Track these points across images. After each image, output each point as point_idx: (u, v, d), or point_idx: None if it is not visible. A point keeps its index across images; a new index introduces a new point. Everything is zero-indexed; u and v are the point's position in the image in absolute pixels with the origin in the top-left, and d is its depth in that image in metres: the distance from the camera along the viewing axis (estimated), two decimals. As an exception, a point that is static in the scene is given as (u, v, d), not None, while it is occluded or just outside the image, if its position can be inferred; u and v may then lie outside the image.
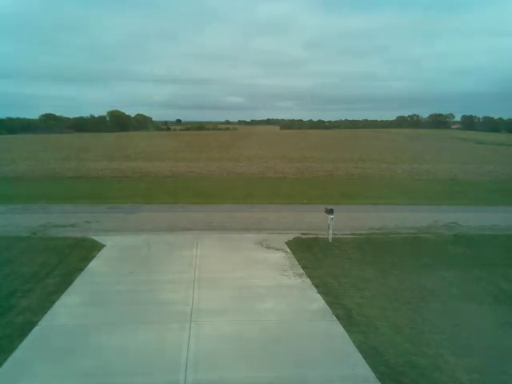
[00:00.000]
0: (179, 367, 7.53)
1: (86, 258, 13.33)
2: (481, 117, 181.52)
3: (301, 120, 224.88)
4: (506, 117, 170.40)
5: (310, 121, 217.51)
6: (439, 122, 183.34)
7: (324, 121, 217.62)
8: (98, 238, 15.50)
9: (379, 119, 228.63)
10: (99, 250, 14.26)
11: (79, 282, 11.55)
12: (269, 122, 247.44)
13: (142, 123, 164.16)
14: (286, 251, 14.39)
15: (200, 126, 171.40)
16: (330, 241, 15.46)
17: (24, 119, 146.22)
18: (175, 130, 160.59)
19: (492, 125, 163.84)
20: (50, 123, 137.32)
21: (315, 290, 11.10)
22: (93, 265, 12.87)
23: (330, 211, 15.43)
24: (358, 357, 7.98)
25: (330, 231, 15.52)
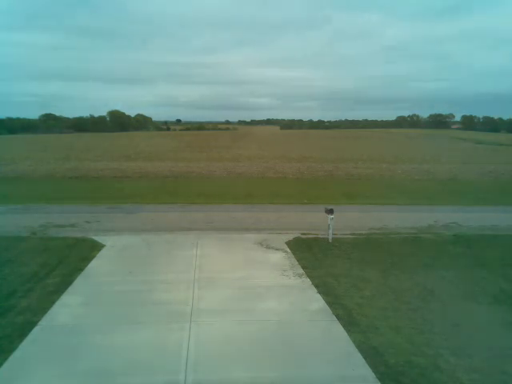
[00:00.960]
0: (179, 367, 7.53)
1: (86, 258, 13.32)
2: (481, 117, 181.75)
3: (301, 120, 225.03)
4: (505, 117, 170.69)
5: (310, 121, 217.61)
6: (439, 122, 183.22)
7: (324, 121, 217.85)
8: (98, 238, 15.50)
9: (379, 119, 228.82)
10: (99, 250, 14.26)
11: (79, 282, 11.54)
12: (269, 122, 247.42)
13: (141, 123, 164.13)
14: (286, 251, 14.39)
15: (200, 126, 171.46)
16: (330, 241, 15.46)
17: (24, 119, 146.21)
18: (175, 130, 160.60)
19: (492, 125, 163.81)
20: (50, 123, 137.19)
21: (315, 290, 11.09)
22: (93, 265, 12.87)
23: (330, 211, 15.43)
24: (358, 357, 7.98)
25: (330, 231, 15.52)
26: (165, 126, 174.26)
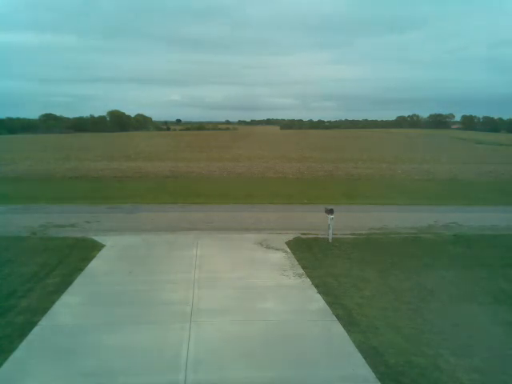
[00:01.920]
0: (179, 367, 7.52)
1: (86, 258, 13.32)
2: (481, 117, 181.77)
3: (301, 120, 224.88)
4: (505, 117, 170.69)
5: (310, 121, 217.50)
6: (439, 122, 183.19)
7: (324, 121, 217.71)
8: (98, 238, 15.50)
9: (379, 119, 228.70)
10: (99, 250, 14.25)
11: (79, 282, 11.54)
12: (269, 121, 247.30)
13: (141, 123, 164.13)
14: (286, 251, 14.39)
15: (200, 126, 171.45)
16: (330, 241, 15.46)
17: (24, 119, 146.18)
18: (175, 129, 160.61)
19: (492, 125, 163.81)
20: (50, 123, 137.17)
21: (315, 290, 11.09)
22: (93, 265, 12.87)
23: (330, 211, 15.43)
24: (358, 357, 7.97)
25: (330, 231, 15.52)
26: (165, 126, 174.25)
